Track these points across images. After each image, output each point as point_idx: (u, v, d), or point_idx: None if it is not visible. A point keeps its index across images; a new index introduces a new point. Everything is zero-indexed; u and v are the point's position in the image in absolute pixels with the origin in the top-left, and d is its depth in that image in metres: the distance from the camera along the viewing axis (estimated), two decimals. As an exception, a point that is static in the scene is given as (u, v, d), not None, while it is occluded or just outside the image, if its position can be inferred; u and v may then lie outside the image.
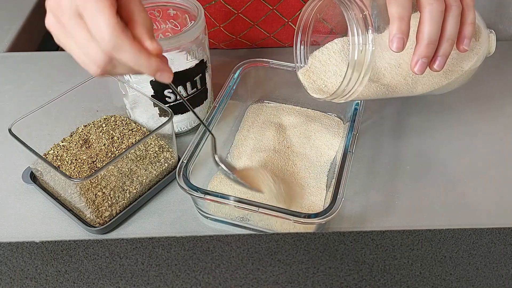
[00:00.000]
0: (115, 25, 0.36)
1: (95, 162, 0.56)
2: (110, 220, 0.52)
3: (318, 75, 0.54)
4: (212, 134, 0.52)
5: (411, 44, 0.45)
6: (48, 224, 0.53)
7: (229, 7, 0.72)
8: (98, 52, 0.38)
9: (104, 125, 0.60)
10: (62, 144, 0.58)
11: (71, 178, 0.47)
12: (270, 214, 0.47)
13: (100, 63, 0.38)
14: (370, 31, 0.45)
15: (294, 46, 0.54)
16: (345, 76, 0.46)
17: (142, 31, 0.39)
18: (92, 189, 0.50)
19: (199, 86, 0.60)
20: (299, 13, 0.74)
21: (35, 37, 0.92)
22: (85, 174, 0.54)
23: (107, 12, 0.36)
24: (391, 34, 0.43)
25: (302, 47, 0.54)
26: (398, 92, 0.51)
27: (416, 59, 0.45)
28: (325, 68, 0.54)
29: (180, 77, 0.57)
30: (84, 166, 0.55)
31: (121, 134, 0.59)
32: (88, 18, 0.37)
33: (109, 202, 0.51)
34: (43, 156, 0.54)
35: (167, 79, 0.41)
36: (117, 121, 0.61)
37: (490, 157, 0.61)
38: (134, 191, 0.53)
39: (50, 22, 0.39)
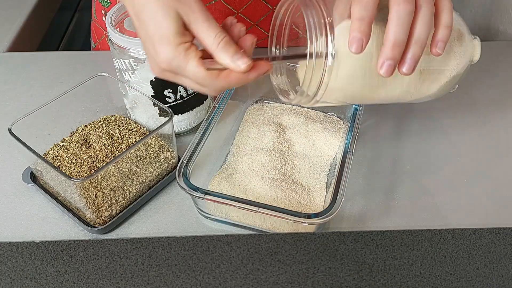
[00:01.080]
0: (208, 77, 0.43)
1: (95, 162, 0.56)
2: (110, 220, 0.52)
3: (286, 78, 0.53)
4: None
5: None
6: (48, 224, 0.53)
7: (229, 7, 0.72)
8: (210, 91, 0.46)
9: (104, 125, 0.60)
10: (62, 144, 0.58)
11: (71, 178, 0.47)
12: (270, 214, 0.47)
13: (216, 94, 0.47)
14: (330, 39, 0.43)
15: (268, 51, 0.52)
16: (303, 83, 0.45)
17: (224, 60, 0.43)
18: (92, 189, 0.50)
19: (199, 86, 0.60)
20: (299, 13, 0.74)
21: (35, 37, 0.92)
22: (85, 174, 0.54)
23: (198, 70, 0.43)
24: (350, 35, 0.42)
25: (277, 51, 0.52)
26: (370, 98, 0.49)
27: (382, 60, 0.43)
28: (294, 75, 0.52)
29: (180, 77, 0.57)
30: (84, 166, 0.55)
31: (121, 134, 0.59)
32: (187, 78, 0.44)
33: (109, 202, 0.51)
34: (43, 156, 0.54)
35: (271, 71, 0.46)
36: (117, 121, 0.61)
37: (490, 157, 0.61)
38: (134, 191, 0.53)
39: (160, 75, 0.46)
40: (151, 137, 0.56)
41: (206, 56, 0.44)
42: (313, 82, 0.45)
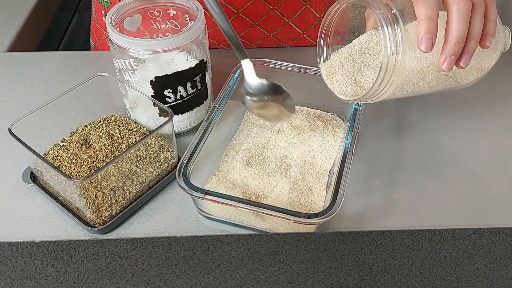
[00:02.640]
0: None
1: (95, 162, 0.56)
2: (110, 220, 0.52)
3: (343, 77, 0.54)
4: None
5: (437, 44, 0.46)
6: (48, 224, 0.53)
7: (229, 7, 0.72)
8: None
9: (104, 125, 0.60)
10: (62, 144, 0.58)
11: (71, 178, 0.47)
12: (270, 214, 0.47)
13: None
14: (399, 30, 0.45)
15: (317, 49, 0.56)
16: (377, 77, 0.47)
17: None
18: (92, 189, 0.50)
19: (199, 86, 0.60)
20: (299, 13, 0.74)
21: (35, 37, 0.92)
22: (85, 174, 0.54)
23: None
24: (419, 34, 0.44)
25: (324, 49, 0.55)
26: (419, 90, 0.52)
27: (445, 57, 0.46)
28: (348, 73, 0.54)
29: (180, 77, 0.57)
30: (84, 166, 0.55)
31: (121, 134, 0.59)
32: None
33: (109, 202, 0.51)
34: (43, 156, 0.54)
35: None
36: (117, 121, 0.61)
37: (490, 157, 0.61)
38: (134, 191, 0.53)
39: None
40: (151, 137, 0.56)
41: None
42: (384, 77, 0.47)
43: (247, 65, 0.56)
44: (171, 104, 0.59)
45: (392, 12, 0.46)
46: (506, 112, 0.67)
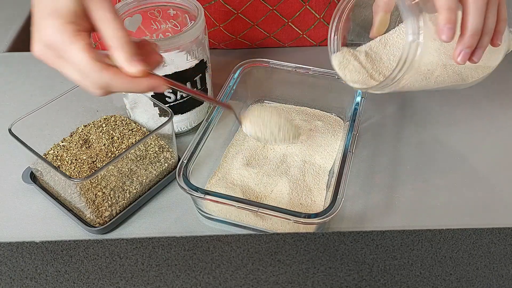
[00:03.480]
0: (93, 66, 0.39)
1: (95, 162, 0.56)
2: (110, 220, 0.52)
3: (355, 68, 0.55)
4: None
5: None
6: (48, 224, 0.53)
7: (229, 7, 0.72)
8: (91, 85, 0.41)
9: (104, 125, 0.60)
10: (62, 144, 0.58)
11: (71, 178, 0.47)
12: (270, 214, 0.47)
13: (96, 92, 0.41)
14: (422, 19, 0.45)
15: (328, 36, 0.56)
16: (397, 65, 0.47)
17: (118, 56, 0.40)
18: (92, 189, 0.50)
19: (199, 86, 0.60)
20: (299, 14, 0.74)
21: (35, 37, 0.91)
22: (85, 174, 0.54)
23: (83, 56, 0.39)
24: (440, 24, 0.44)
25: (335, 37, 0.55)
26: (427, 85, 0.52)
27: (460, 49, 0.46)
28: (360, 64, 0.55)
29: (180, 77, 0.57)
30: (84, 166, 0.55)
31: (121, 134, 0.59)
32: (69, 63, 0.40)
33: (109, 202, 0.51)
34: (43, 156, 0.54)
35: (163, 90, 0.43)
36: (117, 121, 0.61)
37: (490, 157, 0.61)
38: (134, 191, 0.53)
39: (40, 53, 0.41)
40: (151, 137, 0.56)
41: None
42: (403, 66, 0.47)
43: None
44: (171, 104, 0.59)
45: (416, 0, 0.46)
46: (507, 113, 0.67)
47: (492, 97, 0.69)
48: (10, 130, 0.51)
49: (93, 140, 0.58)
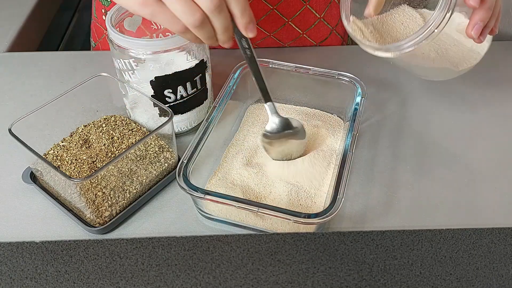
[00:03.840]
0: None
1: (95, 162, 0.56)
2: (110, 220, 0.52)
3: (370, 32, 0.56)
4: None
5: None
6: (48, 224, 0.53)
7: (229, 7, 0.72)
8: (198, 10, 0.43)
9: (104, 125, 0.60)
10: (62, 144, 0.58)
11: (71, 178, 0.47)
12: (270, 214, 0.47)
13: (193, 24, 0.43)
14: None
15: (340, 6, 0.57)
16: (421, 28, 0.49)
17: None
18: (92, 189, 0.50)
19: (199, 86, 0.60)
20: (299, 13, 0.74)
21: (35, 37, 0.92)
22: (85, 174, 0.54)
23: None
24: None
25: (347, 7, 0.57)
26: (424, 62, 0.55)
27: (474, 22, 0.50)
28: (376, 29, 0.56)
29: (180, 77, 0.57)
30: (84, 166, 0.55)
31: (121, 134, 0.59)
32: None
33: (109, 202, 0.51)
34: (43, 156, 0.54)
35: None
36: (117, 121, 0.61)
37: (490, 157, 0.61)
38: (134, 191, 0.53)
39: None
40: (151, 137, 0.56)
41: None
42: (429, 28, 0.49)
43: (270, 106, 0.56)
44: (171, 104, 0.59)
45: None
46: (506, 113, 0.67)
47: (492, 98, 0.69)
48: (10, 130, 0.51)
49: (93, 140, 0.58)
